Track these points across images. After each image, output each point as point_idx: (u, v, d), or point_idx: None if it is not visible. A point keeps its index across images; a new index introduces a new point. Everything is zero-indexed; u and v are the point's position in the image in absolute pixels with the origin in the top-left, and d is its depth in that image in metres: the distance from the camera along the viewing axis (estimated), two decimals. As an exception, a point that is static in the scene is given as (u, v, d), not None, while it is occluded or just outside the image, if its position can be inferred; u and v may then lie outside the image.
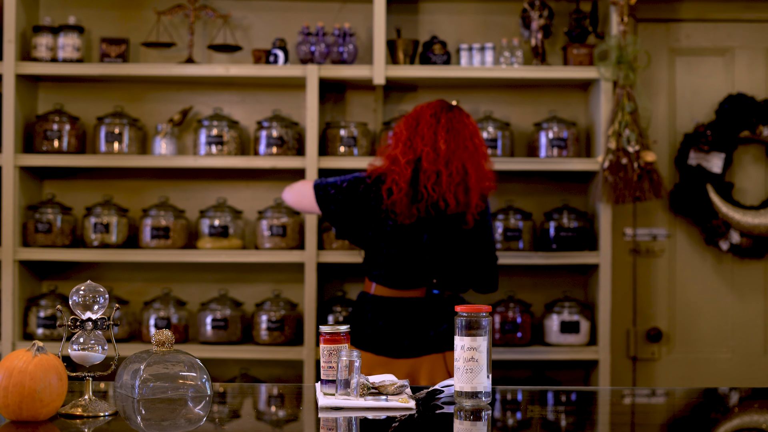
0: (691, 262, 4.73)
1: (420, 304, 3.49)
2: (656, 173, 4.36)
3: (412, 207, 3.44)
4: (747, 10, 4.74)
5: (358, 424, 2.23)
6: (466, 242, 3.50)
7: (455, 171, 3.44)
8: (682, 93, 4.74)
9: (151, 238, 4.43)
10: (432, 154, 3.44)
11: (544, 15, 4.48)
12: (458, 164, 3.45)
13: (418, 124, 3.50)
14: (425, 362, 3.46)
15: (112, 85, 4.66)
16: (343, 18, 4.65)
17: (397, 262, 3.48)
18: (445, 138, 3.46)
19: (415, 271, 3.48)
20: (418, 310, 3.48)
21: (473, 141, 3.51)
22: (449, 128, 3.48)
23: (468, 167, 3.46)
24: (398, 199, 3.43)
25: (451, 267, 3.50)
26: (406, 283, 3.48)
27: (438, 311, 3.49)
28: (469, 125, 3.52)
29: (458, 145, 3.47)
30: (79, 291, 2.25)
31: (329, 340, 2.42)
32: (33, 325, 4.42)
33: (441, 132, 3.47)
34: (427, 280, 3.49)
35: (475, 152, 3.50)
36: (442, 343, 3.47)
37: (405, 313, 3.48)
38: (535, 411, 2.45)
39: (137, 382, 2.31)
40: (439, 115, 3.50)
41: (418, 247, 3.47)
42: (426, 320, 3.49)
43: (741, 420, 2.41)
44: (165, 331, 2.38)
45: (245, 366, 4.58)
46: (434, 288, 3.50)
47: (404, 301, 3.48)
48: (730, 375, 4.70)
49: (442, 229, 3.47)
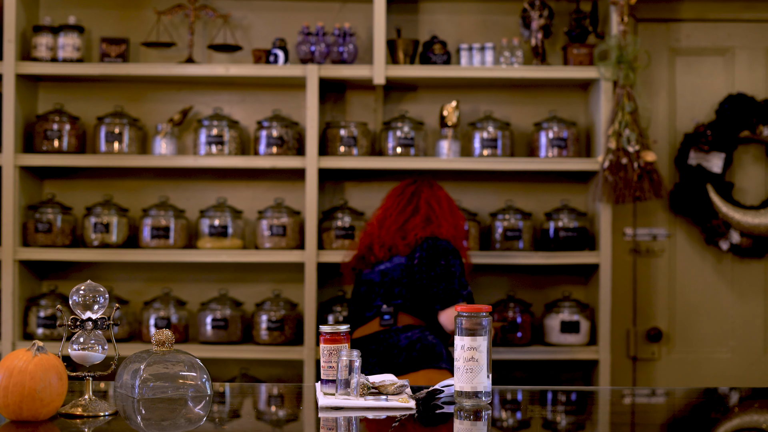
0: (691, 261, 4.73)
1: (374, 336, 3.60)
2: (656, 173, 4.36)
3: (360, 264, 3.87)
4: (747, 10, 4.74)
5: (358, 424, 2.23)
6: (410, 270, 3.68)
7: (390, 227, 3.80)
8: (682, 93, 4.74)
9: (151, 238, 4.43)
10: (375, 225, 3.86)
11: (544, 15, 4.48)
12: (396, 222, 3.81)
13: (380, 207, 3.95)
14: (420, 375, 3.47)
15: (112, 85, 4.66)
16: (343, 18, 4.65)
17: (358, 300, 3.77)
18: (391, 206, 3.87)
19: (366, 303, 3.71)
20: (372, 342, 3.58)
21: (430, 204, 3.82)
22: (401, 200, 3.87)
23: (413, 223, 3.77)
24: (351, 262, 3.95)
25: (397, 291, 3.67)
26: (362, 320, 3.69)
27: (390, 340, 3.56)
28: (426, 191, 3.86)
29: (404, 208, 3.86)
30: (79, 291, 2.25)
31: (329, 340, 2.42)
32: (33, 325, 4.42)
33: (392, 204, 3.87)
34: (376, 309, 3.66)
35: (431, 213, 3.80)
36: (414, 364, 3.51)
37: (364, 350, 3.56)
38: (535, 411, 2.45)
39: (137, 381, 2.31)
40: (399, 191, 3.90)
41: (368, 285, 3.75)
42: (380, 350, 3.57)
43: (741, 420, 2.41)
44: (165, 331, 2.38)
45: (245, 366, 4.58)
46: (385, 314, 3.63)
47: (363, 339, 3.61)
48: (730, 375, 4.70)
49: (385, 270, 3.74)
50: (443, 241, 3.69)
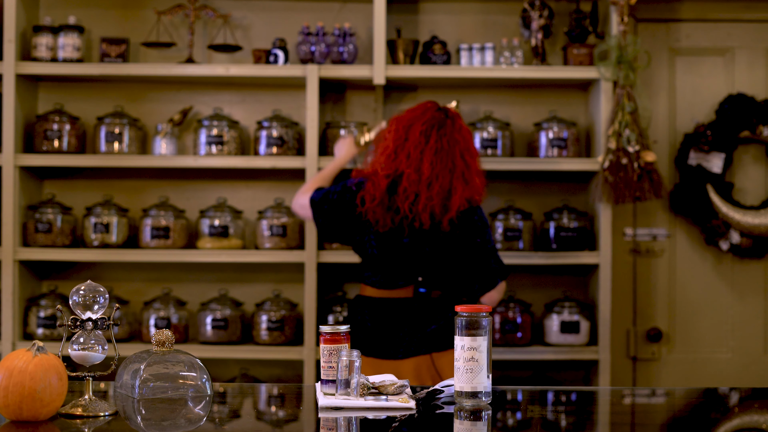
0: (691, 262, 4.73)
1: (408, 304, 3.49)
2: (656, 173, 4.36)
3: (387, 217, 3.45)
4: (747, 10, 4.74)
5: (358, 424, 2.23)
6: (447, 244, 3.48)
7: (435, 194, 3.42)
8: (682, 93, 4.74)
9: (151, 238, 4.43)
10: (414, 176, 3.43)
11: (544, 15, 4.48)
12: (440, 186, 3.43)
13: (407, 139, 3.47)
14: (413, 363, 3.45)
15: (112, 85, 4.66)
16: (343, 18, 4.65)
17: (383, 262, 3.49)
18: (431, 160, 3.44)
19: (400, 271, 3.49)
20: (406, 311, 3.48)
21: (464, 159, 3.49)
22: (438, 149, 3.45)
23: (454, 186, 3.45)
24: (371, 208, 3.45)
25: (434, 267, 3.49)
26: (393, 283, 3.50)
27: (426, 312, 3.49)
28: (460, 141, 3.49)
29: (445, 165, 3.45)
30: (79, 291, 2.25)
31: (329, 340, 2.42)
32: (33, 325, 4.42)
33: (428, 153, 3.45)
34: (412, 279, 3.49)
35: (466, 169, 3.48)
36: (429, 344, 3.46)
37: (393, 314, 3.48)
38: (535, 411, 2.45)
39: (137, 382, 2.31)
40: (428, 134, 3.47)
41: (400, 249, 3.48)
42: (414, 320, 3.49)
43: (741, 420, 2.41)
44: (165, 331, 2.38)
45: (245, 366, 4.58)
46: (420, 287, 3.49)
47: (392, 302, 3.49)
48: (730, 375, 4.70)
49: (419, 236, 3.47)
50: (479, 212, 3.53)
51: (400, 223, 3.46)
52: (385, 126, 3.92)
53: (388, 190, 3.46)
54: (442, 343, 3.46)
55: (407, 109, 3.58)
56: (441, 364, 3.46)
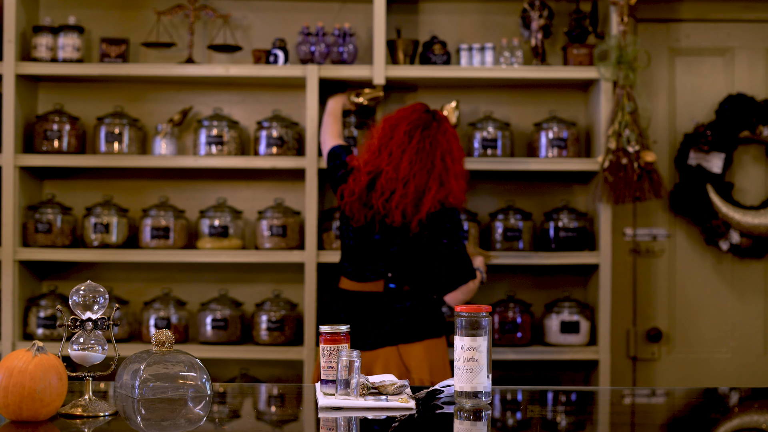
0: (691, 262, 4.73)
1: (378, 297, 3.63)
2: (656, 173, 4.36)
3: (362, 213, 3.61)
4: (747, 10, 4.74)
5: (358, 424, 2.23)
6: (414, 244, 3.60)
7: (411, 192, 3.55)
8: (682, 93, 4.74)
9: (151, 238, 4.43)
10: (392, 173, 3.56)
11: (544, 15, 4.48)
12: (415, 186, 3.55)
13: (392, 138, 3.59)
14: (380, 355, 3.57)
15: (112, 85, 4.66)
16: (343, 18, 4.65)
17: (357, 254, 3.66)
18: (411, 159, 3.56)
19: (371, 265, 3.63)
20: (376, 304, 3.62)
21: (443, 161, 3.58)
22: (419, 149, 3.57)
23: (429, 186, 3.54)
24: (349, 203, 3.61)
25: (403, 265, 3.62)
26: (365, 276, 3.64)
27: (395, 305, 3.61)
28: (443, 143, 3.59)
29: (423, 165, 3.56)
30: (79, 291, 2.25)
31: (329, 340, 2.42)
32: (33, 325, 4.42)
33: (408, 153, 3.57)
34: (382, 274, 3.63)
35: (444, 171, 3.58)
36: (396, 336, 3.58)
37: (363, 306, 3.63)
38: (535, 411, 2.45)
39: (137, 382, 2.31)
40: (412, 134, 3.58)
41: (371, 244, 3.63)
42: (383, 313, 3.61)
43: (741, 420, 2.41)
44: (165, 331, 2.38)
45: (245, 366, 4.58)
46: (390, 282, 3.62)
47: (364, 295, 3.65)
48: (730, 375, 4.70)
49: (389, 233, 3.61)
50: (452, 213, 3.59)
51: (372, 218, 3.60)
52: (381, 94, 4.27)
53: (368, 186, 3.61)
54: (410, 335, 3.58)
55: (398, 109, 3.71)
56: (408, 356, 3.56)
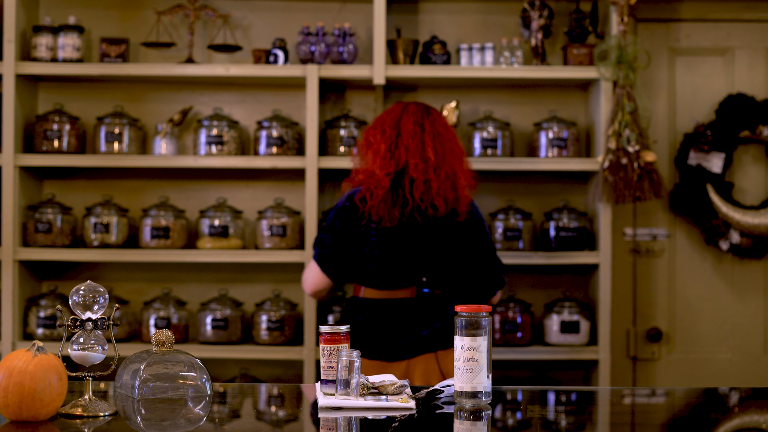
0: (691, 262, 4.73)
1: (410, 304, 3.46)
2: (656, 173, 4.36)
3: (394, 211, 3.41)
4: (747, 10, 4.74)
5: (358, 424, 2.23)
6: (457, 237, 3.48)
7: (444, 177, 3.43)
8: (682, 93, 4.74)
9: (151, 238, 4.43)
10: (421, 164, 3.41)
11: (544, 15, 4.48)
12: (448, 169, 3.44)
13: (400, 135, 3.46)
14: (419, 363, 3.44)
15: (112, 85, 4.66)
16: (343, 18, 4.65)
17: (385, 263, 3.45)
18: (432, 146, 3.44)
19: (404, 271, 3.45)
20: (409, 310, 3.46)
21: (456, 143, 3.52)
22: (435, 134, 3.47)
23: (457, 170, 3.46)
24: (375, 205, 3.41)
25: (440, 264, 3.48)
26: (395, 284, 3.46)
27: (429, 310, 3.47)
28: (449, 127, 3.53)
29: (445, 149, 3.46)
30: (79, 291, 2.25)
31: (329, 340, 2.42)
32: (33, 325, 4.42)
33: (428, 140, 3.45)
34: (416, 279, 3.46)
35: (460, 154, 3.51)
36: (434, 342, 3.45)
37: (396, 314, 3.45)
38: (535, 411, 2.45)
39: (137, 382, 2.31)
40: (421, 122, 3.47)
41: (405, 247, 3.45)
42: (417, 320, 3.46)
43: (741, 420, 2.41)
44: (165, 331, 2.38)
45: (245, 366, 4.58)
46: (424, 287, 3.47)
47: (394, 302, 3.46)
48: (730, 375, 4.70)
49: (431, 227, 3.45)
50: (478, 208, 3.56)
51: (411, 214, 3.42)
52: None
53: (392, 187, 3.43)
54: (446, 341, 3.45)
55: (382, 113, 3.57)
56: (445, 362, 3.46)
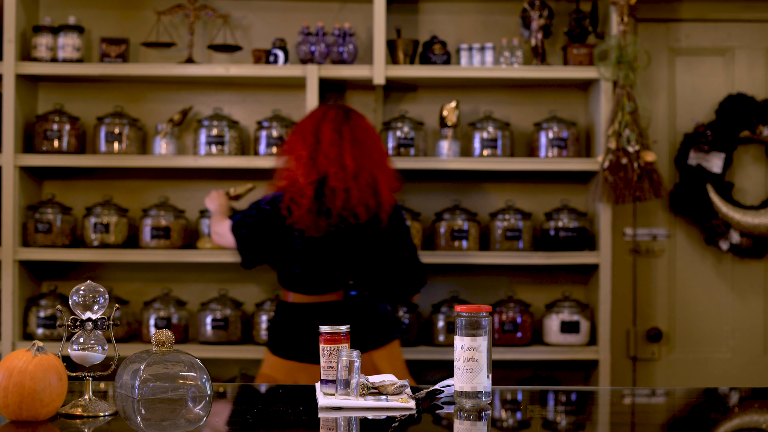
0: (691, 262, 4.73)
1: (338, 306, 3.53)
2: (656, 173, 4.36)
3: (319, 221, 3.46)
4: (747, 10, 4.74)
5: (358, 424, 2.23)
6: (380, 241, 3.55)
7: (365, 184, 3.46)
8: (682, 93, 4.74)
9: (151, 238, 4.43)
10: (340, 173, 3.45)
11: (544, 15, 4.48)
12: (367, 176, 3.47)
13: (320, 142, 3.48)
14: None
15: (112, 85, 4.66)
16: (343, 18, 4.65)
17: (312, 269, 3.52)
18: (351, 153, 3.47)
19: (331, 276, 3.52)
20: (337, 313, 3.51)
21: (377, 146, 3.54)
22: (354, 140, 3.49)
23: (377, 175, 3.49)
24: (301, 215, 3.45)
25: (367, 267, 3.55)
26: (323, 288, 3.53)
27: (358, 311, 3.54)
28: (370, 129, 3.55)
29: (365, 155, 3.49)
30: (79, 291, 2.25)
31: (329, 340, 2.42)
32: (33, 325, 4.42)
33: (346, 147, 3.47)
34: (342, 282, 3.54)
35: (381, 158, 3.54)
36: (367, 342, 3.50)
37: (323, 318, 3.48)
38: (535, 411, 2.45)
39: (137, 382, 2.31)
40: (340, 129, 3.50)
41: (331, 254, 3.50)
42: (346, 322, 3.49)
43: (741, 420, 2.41)
44: (165, 331, 2.38)
45: (245, 366, 4.58)
46: (351, 289, 3.55)
47: (322, 306, 3.53)
48: (730, 375, 4.70)
49: (354, 233, 3.51)
50: (400, 209, 3.63)
51: (335, 224, 3.47)
52: (252, 186, 4.06)
53: (316, 196, 3.46)
54: (377, 340, 3.54)
55: (305, 117, 3.61)
56: (379, 361, 3.52)
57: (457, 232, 4.43)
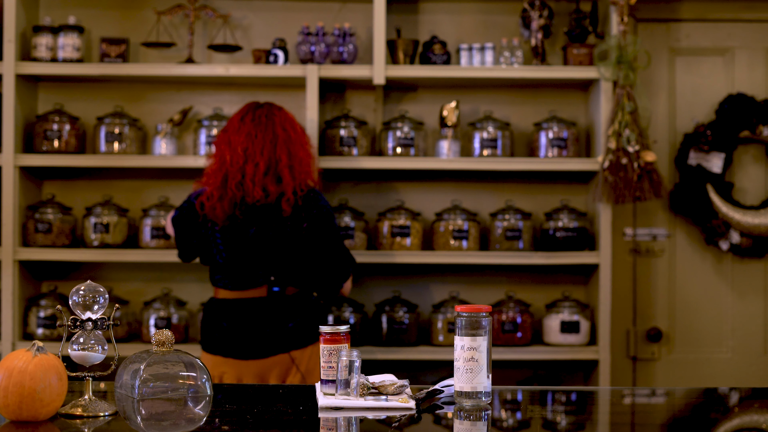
0: (691, 262, 4.73)
1: (262, 303, 3.55)
2: (656, 173, 4.36)
3: (224, 206, 3.50)
4: (747, 10, 4.74)
5: (358, 424, 2.23)
6: (290, 234, 3.53)
7: (261, 163, 3.48)
8: (682, 93, 4.74)
9: (151, 238, 4.43)
10: (235, 156, 3.49)
11: (544, 15, 4.48)
12: (265, 155, 3.49)
13: (227, 133, 3.57)
14: (273, 363, 3.51)
15: (112, 85, 4.66)
16: (343, 18, 4.65)
17: (232, 263, 3.55)
18: (248, 132, 3.51)
19: (250, 270, 3.54)
20: (261, 310, 3.54)
21: (285, 129, 3.55)
22: (255, 123, 3.53)
23: (280, 155, 3.51)
24: (211, 205, 3.52)
25: (284, 262, 3.54)
26: (246, 283, 3.55)
27: (282, 309, 3.55)
28: (279, 115, 3.57)
29: (265, 135, 3.51)
30: (79, 291, 2.25)
31: (329, 340, 2.42)
32: (33, 325, 4.42)
33: (244, 130, 3.53)
34: (264, 277, 3.54)
35: (288, 139, 3.54)
36: (288, 342, 3.52)
37: (248, 314, 3.54)
38: (535, 411, 2.45)
39: (137, 382, 2.31)
40: (245, 117, 3.56)
41: (246, 245, 3.53)
42: (269, 319, 3.55)
43: (741, 420, 2.42)
44: (165, 331, 2.38)
45: (245, 366, 4.58)
46: (274, 285, 3.55)
47: (247, 302, 3.55)
48: (730, 375, 4.70)
49: (264, 223, 3.52)
50: (322, 198, 3.60)
51: (233, 209, 3.50)
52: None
53: (222, 184, 3.52)
54: (301, 340, 3.54)
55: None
56: (301, 362, 3.52)
57: (457, 232, 4.43)
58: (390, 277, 4.63)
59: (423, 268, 4.63)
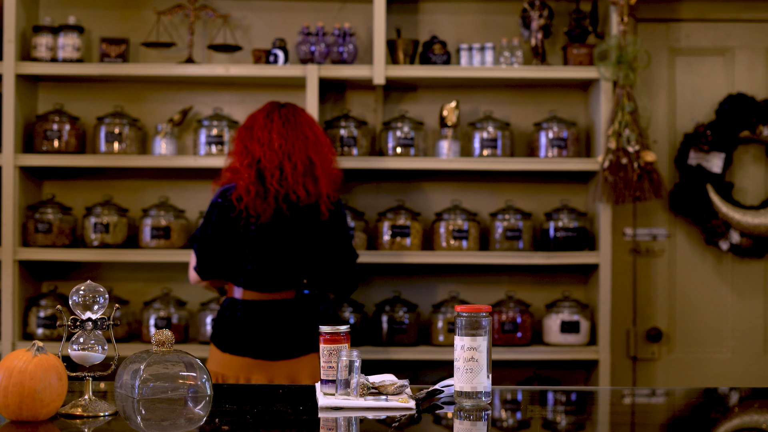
0: (691, 262, 4.73)
1: (291, 305, 3.54)
2: (656, 173, 4.36)
3: (265, 204, 3.47)
4: (747, 10, 4.74)
5: (358, 424, 2.23)
6: (323, 236, 3.54)
7: (299, 162, 3.49)
8: (682, 93, 4.74)
9: (151, 238, 4.43)
10: (270, 153, 3.48)
11: (544, 15, 4.48)
12: (300, 155, 3.50)
13: (252, 129, 3.55)
14: (305, 362, 3.51)
15: (112, 85, 4.66)
16: (343, 18, 4.65)
17: (265, 265, 3.51)
18: (280, 132, 3.51)
19: (284, 273, 3.52)
20: (291, 312, 3.53)
21: (313, 131, 3.56)
22: (284, 122, 3.53)
23: (312, 156, 3.52)
24: (250, 200, 3.48)
25: (318, 264, 3.55)
26: (275, 286, 3.53)
27: (310, 310, 3.55)
28: (304, 116, 3.58)
29: (297, 136, 3.52)
30: (79, 291, 2.25)
31: (329, 340, 2.42)
32: (33, 325, 4.42)
33: (276, 128, 3.52)
34: (296, 281, 3.54)
35: (317, 141, 3.56)
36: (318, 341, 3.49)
37: (277, 315, 3.52)
38: (535, 411, 2.45)
39: (137, 382, 2.31)
40: (271, 115, 3.56)
41: (282, 247, 3.50)
42: (300, 320, 3.54)
43: (741, 420, 2.42)
44: (165, 331, 2.38)
45: (245, 366, 4.58)
46: (305, 288, 3.56)
47: (275, 303, 3.53)
48: (730, 375, 4.70)
49: (300, 224, 3.51)
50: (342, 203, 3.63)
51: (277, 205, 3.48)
52: None
53: (257, 178, 3.50)
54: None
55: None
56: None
57: (457, 232, 4.43)
58: (390, 277, 4.63)
59: (423, 268, 4.64)
